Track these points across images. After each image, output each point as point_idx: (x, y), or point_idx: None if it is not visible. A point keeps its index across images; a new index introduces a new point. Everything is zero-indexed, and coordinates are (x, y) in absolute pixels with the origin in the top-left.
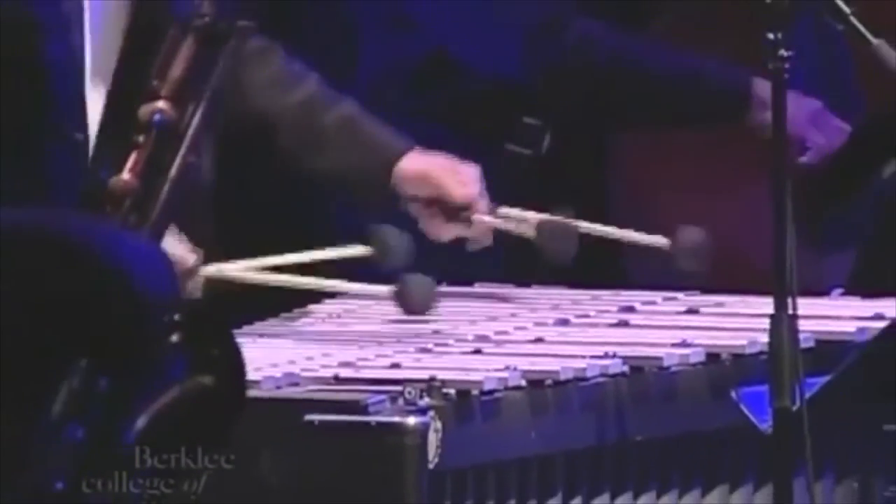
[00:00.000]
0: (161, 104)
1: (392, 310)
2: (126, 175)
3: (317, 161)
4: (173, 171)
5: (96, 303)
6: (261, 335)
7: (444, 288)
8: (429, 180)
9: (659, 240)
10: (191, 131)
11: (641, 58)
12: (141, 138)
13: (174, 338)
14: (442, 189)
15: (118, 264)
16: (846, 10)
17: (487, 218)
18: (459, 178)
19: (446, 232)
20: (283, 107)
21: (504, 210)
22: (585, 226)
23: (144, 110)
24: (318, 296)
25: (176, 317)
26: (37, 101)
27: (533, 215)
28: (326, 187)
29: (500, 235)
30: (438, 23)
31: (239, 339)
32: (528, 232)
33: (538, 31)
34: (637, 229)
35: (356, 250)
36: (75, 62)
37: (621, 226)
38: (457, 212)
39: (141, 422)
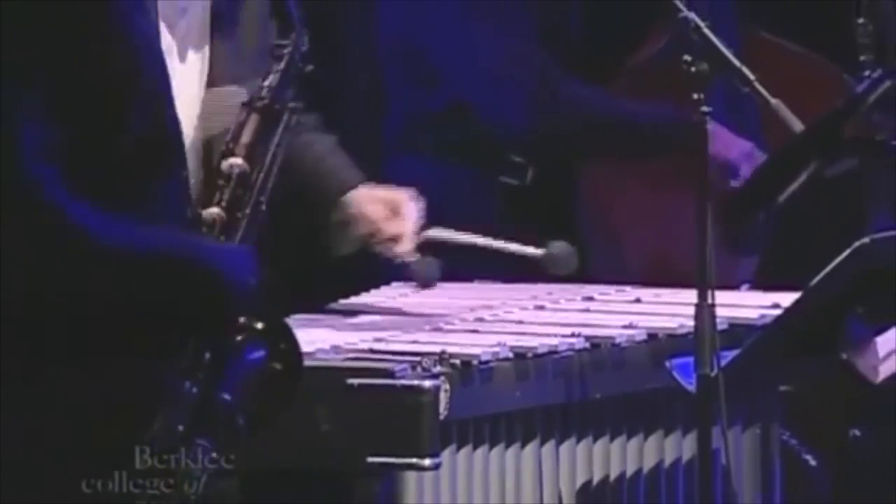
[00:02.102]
0: (236, 160)
1: (411, 300)
2: (215, 209)
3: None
4: (248, 209)
5: (212, 302)
6: (317, 319)
7: (451, 283)
8: (365, 219)
9: (533, 250)
10: (259, 180)
11: (612, 106)
12: (222, 182)
13: (258, 326)
14: (373, 224)
15: (230, 276)
16: (751, 76)
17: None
18: (394, 212)
19: (387, 252)
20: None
21: (433, 231)
22: (468, 238)
23: (225, 164)
24: (358, 289)
25: (259, 322)
26: (160, 140)
27: (456, 235)
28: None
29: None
30: (458, 77)
31: (302, 322)
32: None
33: (537, 86)
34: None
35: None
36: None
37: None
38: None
39: (234, 386)
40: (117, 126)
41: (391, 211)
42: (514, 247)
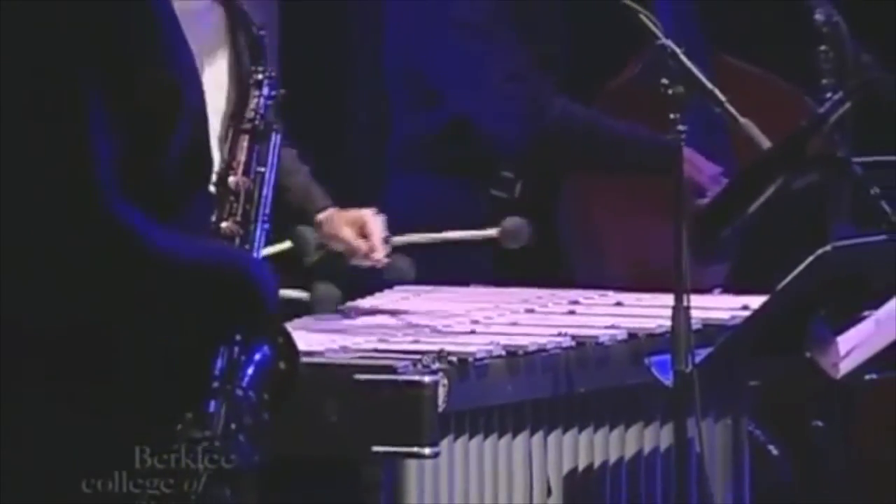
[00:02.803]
0: (241, 177)
1: (413, 303)
2: (230, 223)
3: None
4: (258, 221)
5: (252, 306)
6: (327, 321)
7: (448, 287)
8: (340, 240)
9: (489, 232)
10: (263, 195)
11: (602, 125)
12: (232, 198)
13: (268, 327)
14: (348, 245)
15: (263, 283)
16: (722, 98)
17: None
18: (362, 230)
19: (363, 264)
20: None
21: (398, 238)
22: (430, 237)
23: (231, 180)
24: (364, 293)
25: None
26: (195, 158)
27: (419, 237)
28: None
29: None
30: (458, 94)
31: (314, 324)
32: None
33: (530, 101)
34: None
35: (487, 232)
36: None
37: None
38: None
39: (255, 384)
40: (162, 145)
41: (359, 229)
42: (471, 233)
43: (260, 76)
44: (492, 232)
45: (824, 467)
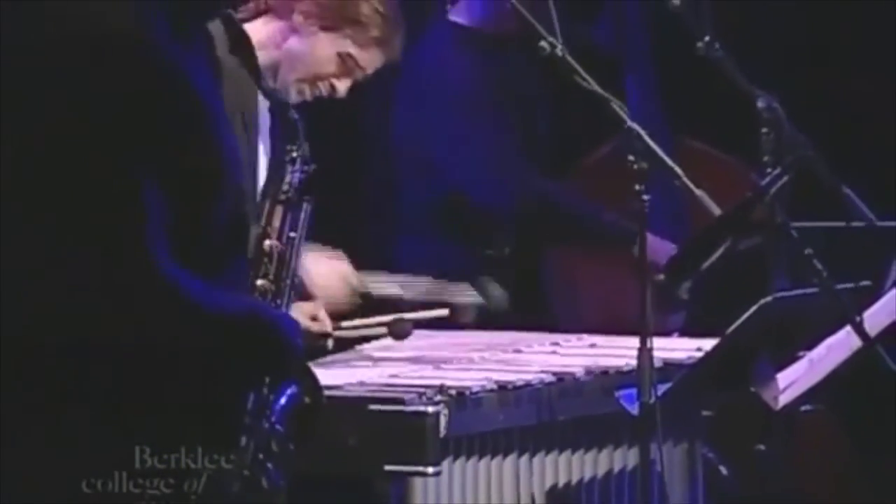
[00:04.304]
0: (274, 242)
1: (418, 344)
2: (264, 281)
3: None
4: (287, 280)
5: (277, 354)
6: (346, 360)
7: (447, 332)
8: (314, 287)
9: (440, 312)
10: (293, 258)
11: (576, 206)
12: (266, 260)
13: (296, 369)
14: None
15: (287, 336)
16: (681, 173)
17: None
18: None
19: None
20: None
21: (372, 280)
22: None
23: (266, 244)
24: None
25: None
26: (235, 227)
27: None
28: None
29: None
30: (454, 171)
31: (336, 362)
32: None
33: (514, 180)
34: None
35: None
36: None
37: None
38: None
39: (283, 418)
40: (206, 217)
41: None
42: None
43: (294, 153)
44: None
45: (765, 484)
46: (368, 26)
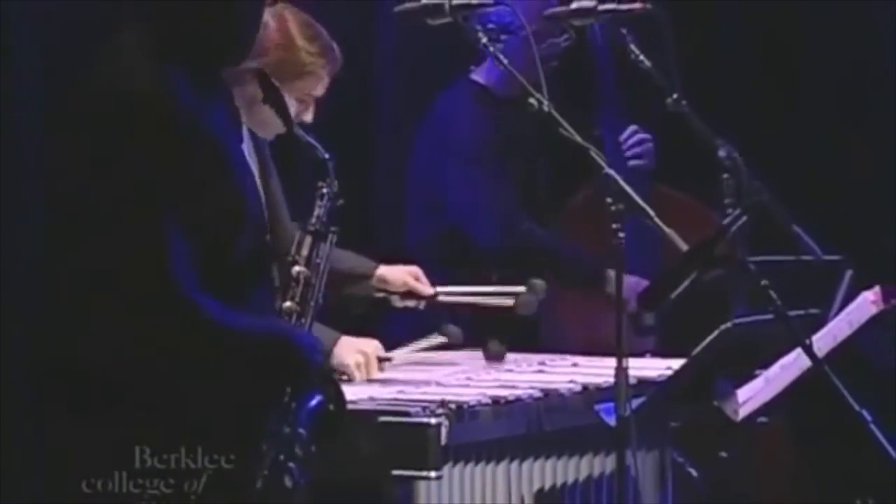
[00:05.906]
0: (301, 268)
1: (422, 365)
2: (291, 303)
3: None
4: (312, 303)
5: (297, 369)
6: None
7: (448, 352)
8: (397, 282)
9: (506, 301)
10: (318, 283)
11: (557, 247)
12: (293, 284)
13: (318, 381)
14: (410, 286)
15: (308, 353)
16: (653, 214)
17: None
18: (417, 278)
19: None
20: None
21: (441, 289)
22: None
23: (293, 270)
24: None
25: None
26: (259, 256)
27: (463, 288)
28: (337, 282)
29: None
30: (456, 210)
31: (346, 384)
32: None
33: (506, 223)
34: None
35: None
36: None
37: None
38: (414, 295)
39: (306, 423)
40: (229, 248)
41: (413, 276)
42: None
43: (324, 189)
44: (506, 301)
45: (728, 486)
46: (314, 69)
